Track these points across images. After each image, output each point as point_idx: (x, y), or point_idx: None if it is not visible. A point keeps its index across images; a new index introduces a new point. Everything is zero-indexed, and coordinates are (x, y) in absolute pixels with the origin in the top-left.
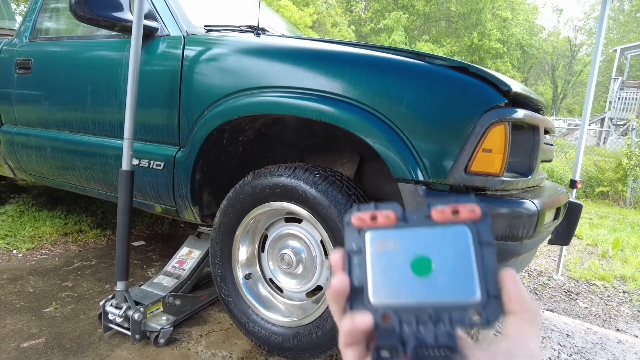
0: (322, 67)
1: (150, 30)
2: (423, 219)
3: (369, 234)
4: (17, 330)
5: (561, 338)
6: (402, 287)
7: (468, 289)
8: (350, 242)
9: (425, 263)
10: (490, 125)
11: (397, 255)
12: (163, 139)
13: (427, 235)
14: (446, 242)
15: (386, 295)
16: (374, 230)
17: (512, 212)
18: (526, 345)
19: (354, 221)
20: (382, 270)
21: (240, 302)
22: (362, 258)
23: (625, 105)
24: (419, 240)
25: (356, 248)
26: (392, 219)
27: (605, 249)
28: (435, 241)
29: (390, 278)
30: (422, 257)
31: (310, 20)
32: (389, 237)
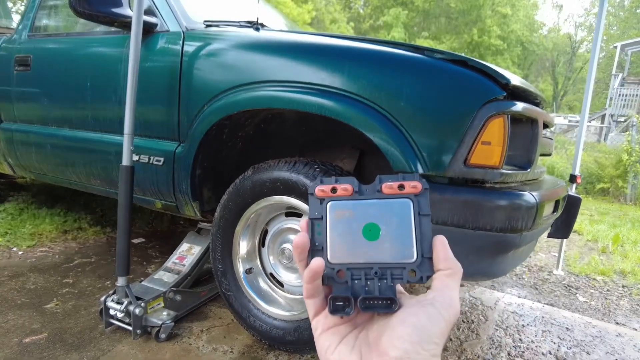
0: (321, 61)
1: (150, 26)
2: (375, 192)
3: (329, 204)
4: (19, 326)
5: (561, 332)
6: (355, 249)
7: (407, 251)
8: (314, 211)
9: (375, 230)
10: (489, 118)
11: (352, 222)
12: (163, 135)
13: (377, 206)
14: (392, 212)
15: (341, 255)
16: (334, 200)
17: (511, 204)
18: (448, 294)
19: (317, 192)
20: (339, 234)
21: (241, 296)
22: (323, 224)
23: (626, 102)
24: (371, 210)
25: (318, 215)
26: (349, 191)
27: (605, 244)
28: (383, 211)
29: (345, 241)
30: (372, 225)
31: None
32: (346, 206)
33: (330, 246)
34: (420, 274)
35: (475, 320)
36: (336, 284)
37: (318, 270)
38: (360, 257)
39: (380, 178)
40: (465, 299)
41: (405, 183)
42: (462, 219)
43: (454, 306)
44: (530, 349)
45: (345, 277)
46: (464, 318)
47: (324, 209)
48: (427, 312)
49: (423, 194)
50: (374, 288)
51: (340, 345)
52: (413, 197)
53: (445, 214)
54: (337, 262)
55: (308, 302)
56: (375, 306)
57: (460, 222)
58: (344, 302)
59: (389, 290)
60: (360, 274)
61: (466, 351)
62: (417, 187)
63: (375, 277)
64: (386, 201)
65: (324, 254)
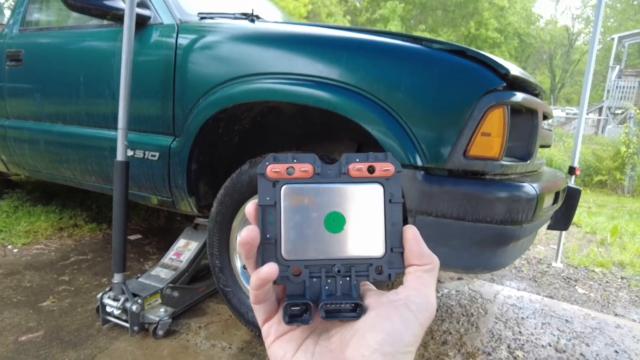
0: (318, 53)
1: (143, 18)
2: (340, 175)
3: (284, 188)
4: (15, 324)
5: (560, 324)
6: (315, 243)
7: (374, 245)
8: (264, 195)
9: (339, 219)
10: (488, 108)
11: (312, 210)
12: (158, 129)
13: (342, 192)
14: (360, 199)
15: (298, 250)
16: (290, 183)
17: (511, 196)
18: (424, 292)
19: (268, 173)
20: (296, 225)
21: (239, 292)
22: (275, 212)
23: (623, 94)
24: (335, 197)
25: (270, 201)
26: (309, 172)
27: (603, 236)
28: (349, 198)
29: (303, 233)
30: (336, 214)
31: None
32: (304, 191)
33: (285, 239)
34: (388, 270)
35: (475, 313)
36: (291, 284)
37: (268, 279)
38: (321, 253)
39: (347, 157)
40: (464, 292)
41: (376, 165)
42: (462, 212)
43: (431, 307)
44: (530, 342)
45: (302, 276)
46: (463, 311)
47: (277, 193)
48: (402, 315)
49: (395, 179)
50: (335, 288)
51: (298, 353)
52: (384, 181)
53: (444, 207)
54: (292, 258)
55: (256, 307)
56: (338, 312)
57: (460, 214)
58: (301, 309)
59: (352, 289)
60: (320, 272)
61: (466, 344)
62: (390, 170)
63: (336, 275)
64: (353, 186)
65: (277, 249)
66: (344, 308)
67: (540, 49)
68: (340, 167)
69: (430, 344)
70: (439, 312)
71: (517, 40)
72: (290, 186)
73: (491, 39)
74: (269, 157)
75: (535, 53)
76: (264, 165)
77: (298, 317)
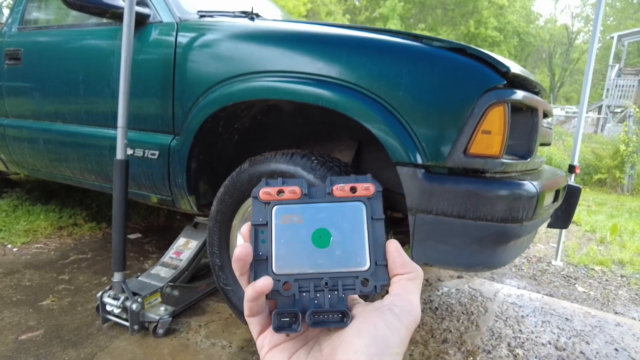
0: (318, 51)
1: (142, 17)
2: (325, 195)
3: (275, 208)
4: (15, 323)
5: (560, 322)
6: (303, 257)
7: (359, 259)
8: (257, 216)
9: (325, 236)
10: (489, 106)
11: (300, 228)
12: (157, 128)
13: (328, 210)
14: (344, 217)
15: (288, 265)
16: (280, 204)
17: (511, 194)
18: (407, 298)
19: (261, 195)
20: (286, 242)
21: (239, 290)
22: (267, 231)
23: (623, 93)
24: (321, 215)
25: (262, 221)
26: (297, 193)
27: (603, 234)
28: (334, 215)
29: (292, 249)
30: (323, 230)
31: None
32: (293, 211)
33: (276, 255)
34: (374, 282)
35: (475, 311)
36: (282, 298)
37: (264, 291)
38: (309, 267)
39: (331, 180)
40: (464, 290)
41: (358, 185)
42: (463, 210)
43: (415, 312)
44: (530, 340)
45: (292, 289)
46: (463, 310)
47: (269, 213)
48: (386, 319)
49: (376, 197)
50: (324, 301)
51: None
52: (366, 200)
53: (445, 205)
54: (283, 272)
55: (250, 320)
56: (326, 321)
57: (461, 212)
58: (290, 318)
59: (340, 302)
60: (309, 286)
61: (466, 343)
62: (370, 190)
63: (325, 289)
64: (337, 204)
65: (269, 265)
66: (331, 317)
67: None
68: (325, 188)
69: (431, 342)
70: (439, 311)
71: (517, 39)
72: (280, 206)
73: (490, 37)
74: (262, 182)
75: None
76: (257, 189)
77: (287, 327)
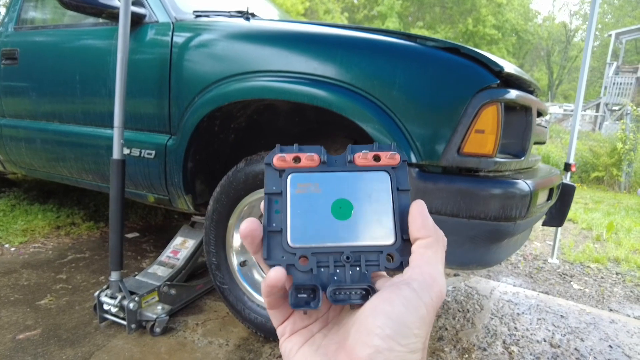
0: (313, 51)
1: (138, 17)
2: (346, 164)
3: (290, 176)
4: (13, 323)
5: (555, 319)
6: (322, 230)
7: (384, 232)
8: (271, 185)
9: (346, 207)
10: (482, 106)
11: (319, 198)
12: (154, 127)
13: (349, 179)
14: (367, 187)
15: (305, 237)
16: (296, 172)
17: (505, 193)
18: (426, 270)
19: (275, 162)
20: (303, 213)
21: (236, 289)
22: (282, 201)
23: (620, 90)
24: (341, 184)
25: (276, 190)
26: (315, 161)
27: (599, 232)
28: (356, 185)
29: (310, 221)
30: (343, 201)
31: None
32: (311, 179)
33: (292, 227)
34: (401, 258)
35: (471, 309)
36: (298, 273)
37: (276, 284)
38: (328, 240)
39: (352, 148)
40: (460, 288)
41: (382, 154)
42: (456, 208)
43: (437, 286)
44: (525, 337)
45: (310, 264)
46: (459, 307)
47: (284, 182)
48: (403, 296)
49: (401, 167)
50: (345, 277)
51: (304, 346)
52: (390, 169)
53: (439, 203)
54: (299, 245)
55: (271, 312)
56: (348, 298)
57: (454, 211)
58: (308, 294)
59: (362, 278)
60: (328, 260)
61: (462, 340)
62: (395, 159)
63: (346, 264)
64: (359, 174)
65: (283, 237)
66: (355, 294)
67: (538, 45)
68: (346, 156)
69: None
70: None
71: (515, 37)
72: (296, 174)
73: (489, 35)
74: (276, 147)
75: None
76: (270, 155)
77: (304, 304)
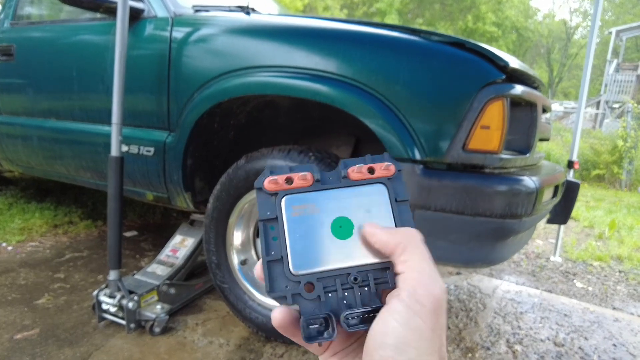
0: (315, 45)
1: (137, 11)
2: (340, 179)
3: (284, 199)
4: (10, 322)
5: (559, 318)
6: (324, 252)
7: None
8: (265, 210)
9: (346, 225)
10: (488, 101)
11: (317, 219)
12: (152, 124)
13: (345, 196)
14: (365, 201)
15: (307, 263)
16: (290, 194)
17: (510, 190)
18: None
19: (266, 186)
20: (302, 236)
21: (236, 288)
22: (278, 226)
23: (621, 88)
24: (338, 201)
25: (271, 215)
26: (309, 180)
27: (601, 230)
28: (354, 201)
29: (310, 244)
30: (343, 219)
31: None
32: (306, 200)
33: (292, 253)
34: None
35: (474, 308)
36: (305, 302)
37: (283, 324)
38: (332, 262)
39: (345, 162)
40: (463, 287)
41: (376, 165)
42: (461, 205)
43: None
44: (528, 336)
45: (316, 290)
46: (462, 306)
47: (278, 205)
48: (394, 311)
49: (397, 177)
50: (355, 299)
51: None
52: (386, 180)
53: (444, 201)
54: (302, 272)
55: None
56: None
57: (460, 208)
58: (319, 324)
59: (373, 298)
60: (335, 284)
61: (465, 339)
62: (390, 170)
63: (354, 285)
64: (355, 189)
65: (284, 265)
66: (367, 316)
67: (538, 42)
68: (339, 172)
69: None
70: None
71: (515, 34)
72: (290, 196)
73: (489, 32)
74: (266, 169)
75: (533, 47)
76: (261, 179)
77: (317, 335)
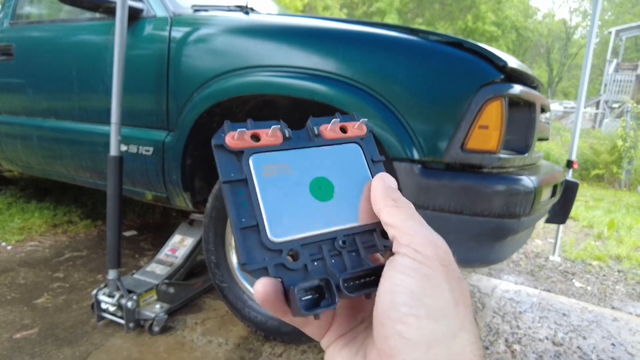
0: (314, 45)
1: (136, 11)
2: (312, 138)
3: (252, 158)
4: (9, 322)
5: (558, 317)
6: (305, 216)
7: (370, 209)
8: (228, 171)
9: (326, 186)
10: (486, 101)
11: (292, 179)
12: (151, 124)
13: (320, 155)
14: (342, 161)
15: (288, 229)
16: (258, 152)
17: (509, 189)
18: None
19: (229, 142)
20: (278, 199)
21: (235, 287)
22: (248, 189)
23: (620, 88)
24: (314, 161)
25: (238, 177)
26: (279, 137)
27: (600, 230)
28: (330, 161)
29: (288, 208)
30: (321, 179)
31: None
32: (278, 160)
33: (269, 218)
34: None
35: (473, 307)
36: (290, 274)
37: (267, 298)
38: (315, 227)
39: (315, 120)
40: None
41: (348, 124)
42: (460, 205)
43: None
44: (527, 335)
45: (302, 259)
46: None
47: (246, 165)
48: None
49: (369, 138)
50: (344, 265)
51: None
52: (360, 140)
53: (442, 200)
54: (283, 239)
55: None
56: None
57: (458, 208)
58: (311, 293)
59: (366, 263)
60: (321, 250)
61: None
62: (362, 129)
63: (342, 250)
64: (330, 148)
65: (261, 233)
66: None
67: (538, 42)
68: (311, 129)
69: None
70: None
71: (515, 33)
72: (259, 155)
73: (488, 32)
74: (225, 124)
75: (533, 47)
76: (220, 135)
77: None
